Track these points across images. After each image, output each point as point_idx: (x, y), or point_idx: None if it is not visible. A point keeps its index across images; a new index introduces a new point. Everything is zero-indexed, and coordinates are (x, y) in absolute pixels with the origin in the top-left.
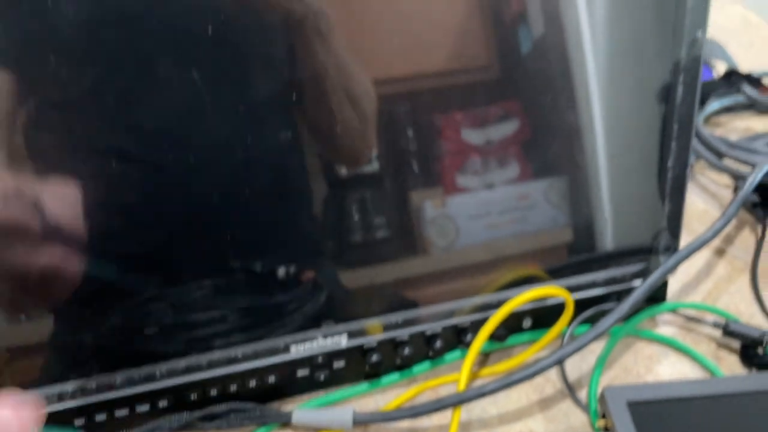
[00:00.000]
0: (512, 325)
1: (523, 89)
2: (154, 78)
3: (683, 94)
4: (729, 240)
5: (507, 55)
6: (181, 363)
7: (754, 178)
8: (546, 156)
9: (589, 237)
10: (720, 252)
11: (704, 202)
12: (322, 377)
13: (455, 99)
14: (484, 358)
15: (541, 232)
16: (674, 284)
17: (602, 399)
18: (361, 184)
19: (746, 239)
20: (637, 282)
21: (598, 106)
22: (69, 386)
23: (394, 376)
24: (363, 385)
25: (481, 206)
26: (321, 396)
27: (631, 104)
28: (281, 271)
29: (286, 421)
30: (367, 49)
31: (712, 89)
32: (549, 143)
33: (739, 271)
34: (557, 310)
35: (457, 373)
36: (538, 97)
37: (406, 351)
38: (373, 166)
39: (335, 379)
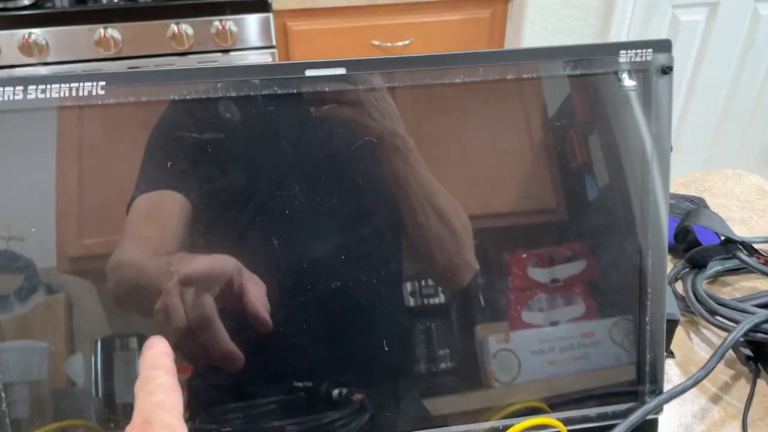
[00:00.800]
0: None
1: (589, 232)
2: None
3: (653, 264)
4: (726, 388)
5: (574, 200)
6: None
7: (734, 336)
8: (611, 295)
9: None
10: (716, 399)
11: (705, 353)
12: None
13: (523, 238)
14: None
15: (602, 369)
16: (672, 424)
17: None
18: (428, 314)
19: (741, 388)
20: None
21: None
22: None
23: None
24: None
25: (544, 342)
26: None
27: (616, 291)
28: (336, 393)
29: None
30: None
31: (714, 253)
32: (614, 283)
33: (732, 417)
34: None
35: None
36: (604, 240)
37: None
38: (440, 298)
39: None
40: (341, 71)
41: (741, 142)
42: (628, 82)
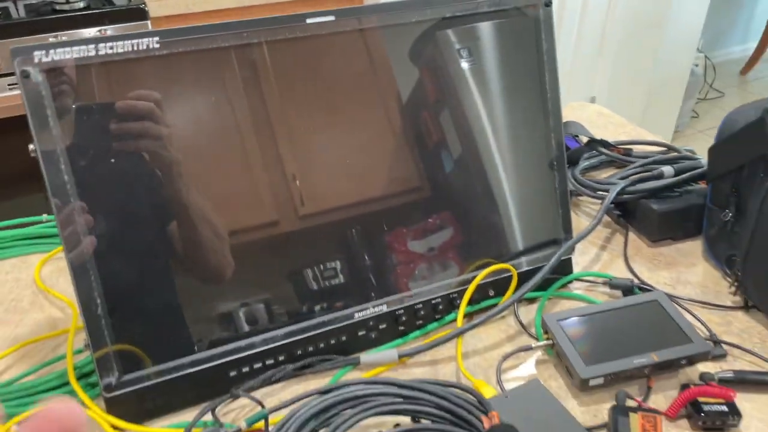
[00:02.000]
0: (484, 294)
1: (451, 201)
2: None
3: (556, 165)
4: (608, 240)
5: (434, 176)
6: (292, 328)
7: (609, 197)
8: (478, 251)
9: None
10: (603, 247)
11: (589, 221)
12: (373, 335)
13: (398, 218)
14: (470, 319)
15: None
16: (580, 266)
17: (543, 322)
18: (329, 295)
19: (618, 239)
20: None
21: (510, 199)
22: (230, 347)
23: (416, 333)
24: (398, 341)
25: None
26: (374, 348)
27: (534, 174)
28: (317, 308)
29: (356, 362)
30: (317, 184)
31: (581, 153)
32: (479, 240)
33: (616, 256)
34: (510, 282)
35: (454, 328)
36: (465, 205)
37: (422, 313)
38: (339, 279)
39: (381, 338)
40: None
41: (568, 89)
42: (530, 13)
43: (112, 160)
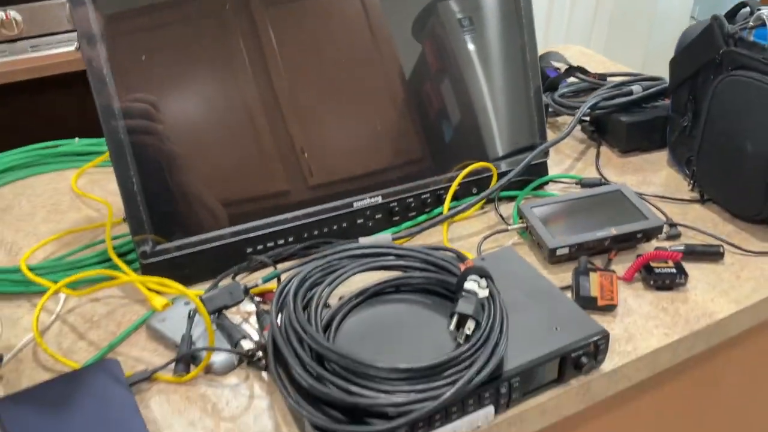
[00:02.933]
0: (467, 192)
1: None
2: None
3: (531, 75)
4: (583, 153)
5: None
6: (299, 212)
7: (582, 108)
8: (466, 155)
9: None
10: (578, 159)
11: (569, 137)
12: (369, 224)
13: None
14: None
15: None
16: (559, 169)
17: (519, 210)
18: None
19: (592, 152)
20: None
21: (494, 110)
22: (246, 226)
23: (408, 223)
24: (392, 229)
25: None
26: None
27: (512, 89)
28: (321, 196)
29: (356, 244)
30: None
31: (561, 79)
32: (467, 146)
33: (589, 165)
34: (491, 181)
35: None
36: (458, 119)
37: (413, 205)
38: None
39: (377, 227)
40: None
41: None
42: None
43: (143, 57)
